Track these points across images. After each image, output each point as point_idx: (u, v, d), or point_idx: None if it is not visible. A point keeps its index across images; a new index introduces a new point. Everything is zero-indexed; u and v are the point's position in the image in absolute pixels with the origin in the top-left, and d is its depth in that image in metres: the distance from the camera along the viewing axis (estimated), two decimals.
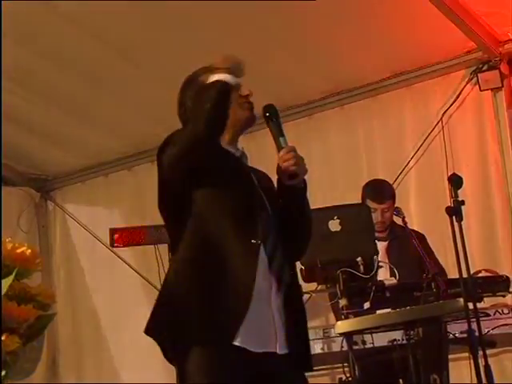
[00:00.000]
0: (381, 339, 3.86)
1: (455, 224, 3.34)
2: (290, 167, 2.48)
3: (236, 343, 2.35)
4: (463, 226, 3.41)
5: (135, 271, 6.03)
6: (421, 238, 4.38)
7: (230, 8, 4.53)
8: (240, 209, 2.47)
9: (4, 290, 1.59)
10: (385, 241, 4.50)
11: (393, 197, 4.54)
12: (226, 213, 2.46)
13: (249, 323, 2.36)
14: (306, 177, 2.57)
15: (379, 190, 4.55)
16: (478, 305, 3.63)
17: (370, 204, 4.44)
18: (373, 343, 3.86)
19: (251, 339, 2.38)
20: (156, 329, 2.44)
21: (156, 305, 2.48)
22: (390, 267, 4.23)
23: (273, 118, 2.59)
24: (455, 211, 3.32)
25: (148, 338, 2.51)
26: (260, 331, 2.41)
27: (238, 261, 2.39)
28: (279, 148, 2.52)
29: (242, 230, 2.44)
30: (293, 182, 2.49)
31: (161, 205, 2.56)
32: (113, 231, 5.61)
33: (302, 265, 3.71)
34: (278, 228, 2.54)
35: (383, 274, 4.18)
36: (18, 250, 1.70)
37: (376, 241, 4.33)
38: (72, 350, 6.36)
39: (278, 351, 2.45)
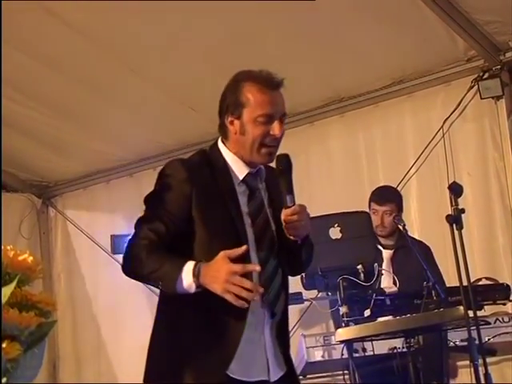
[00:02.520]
0: (381, 347, 3.87)
1: (455, 232, 3.34)
2: (290, 230, 2.45)
3: (232, 375, 2.37)
4: (464, 234, 3.41)
5: None
6: (425, 248, 4.39)
7: (232, 17, 4.55)
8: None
9: (5, 298, 1.60)
10: (391, 249, 4.50)
11: (395, 202, 4.52)
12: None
13: (241, 354, 2.38)
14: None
15: (381, 193, 4.57)
16: (479, 313, 3.64)
17: (372, 206, 4.46)
18: (373, 351, 3.87)
19: (244, 370, 2.40)
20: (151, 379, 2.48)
21: (148, 355, 2.49)
22: (391, 275, 4.23)
23: (284, 172, 2.48)
24: (455, 219, 3.32)
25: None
26: (252, 361, 2.43)
27: (225, 317, 2.38)
28: (285, 206, 2.45)
29: None
30: (293, 239, 2.47)
31: None
32: (113, 237, 5.63)
33: (303, 272, 3.72)
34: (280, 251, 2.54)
35: (386, 282, 4.19)
36: (20, 258, 1.70)
37: (382, 249, 4.35)
38: (72, 356, 6.36)
39: (270, 379, 2.46)
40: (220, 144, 2.59)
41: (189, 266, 2.31)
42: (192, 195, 2.43)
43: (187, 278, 2.30)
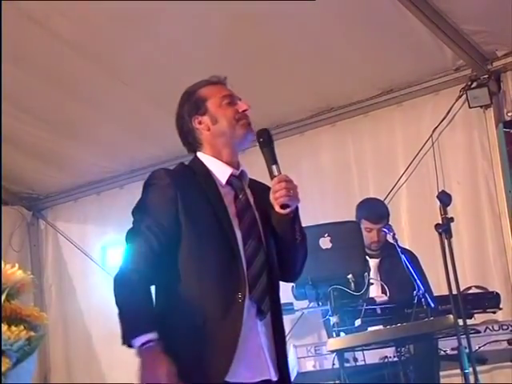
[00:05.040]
0: (372, 356, 3.87)
1: (445, 241, 3.35)
2: (279, 198, 2.44)
3: (230, 380, 2.35)
4: (454, 243, 3.43)
5: None
6: (412, 256, 4.40)
7: (220, 26, 4.57)
8: (219, 262, 2.42)
9: None
10: (377, 258, 4.51)
11: (388, 217, 4.55)
12: (205, 270, 2.42)
13: (239, 355, 2.36)
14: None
15: (375, 210, 4.56)
16: (469, 321, 3.65)
17: (366, 224, 4.44)
18: (364, 360, 3.86)
19: (245, 371, 2.38)
20: None
21: None
22: (380, 284, 4.24)
23: (266, 144, 2.52)
24: (444, 228, 3.34)
25: None
26: (251, 361, 2.41)
27: (220, 323, 2.37)
28: (271, 176, 2.47)
29: (224, 286, 2.41)
30: (283, 212, 2.45)
31: None
32: (104, 249, 5.62)
33: (293, 282, 3.72)
34: (270, 251, 2.53)
35: (374, 291, 4.19)
36: (10, 271, 1.70)
37: (368, 258, 4.36)
38: (63, 368, 6.34)
39: (272, 378, 2.44)
40: (198, 154, 2.63)
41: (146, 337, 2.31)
42: (177, 199, 2.45)
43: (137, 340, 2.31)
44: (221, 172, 2.57)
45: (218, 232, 2.45)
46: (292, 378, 3.60)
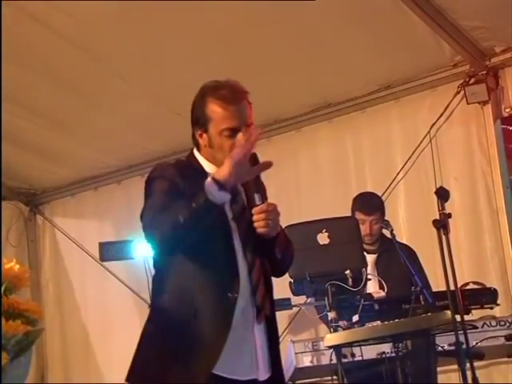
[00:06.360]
0: (370, 352, 3.87)
1: (442, 237, 3.36)
2: (258, 228, 2.47)
3: (222, 374, 2.40)
4: (451, 239, 3.43)
5: (125, 285, 6.02)
6: (411, 252, 4.40)
7: (219, 23, 4.56)
8: (215, 259, 2.46)
9: None
10: (374, 254, 4.51)
11: (381, 209, 4.55)
12: (201, 265, 2.46)
13: (232, 353, 2.40)
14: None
15: (368, 202, 4.57)
16: (466, 317, 3.65)
17: (359, 215, 4.45)
18: (362, 356, 3.87)
19: (235, 368, 2.44)
20: (135, 378, 2.50)
21: (135, 354, 2.51)
22: (378, 280, 4.24)
23: None
24: (442, 224, 3.34)
25: None
26: (243, 359, 2.47)
27: (211, 317, 2.42)
28: (253, 204, 2.50)
29: (218, 283, 2.45)
30: (264, 236, 2.50)
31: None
32: (102, 245, 5.62)
33: (291, 278, 3.73)
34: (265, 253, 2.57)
35: (372, 287, 4.19)
36: (7, 266, 1.70)
37: (365, 253, 4.36)
38: (60, 364, 6.34)
39: (259, 378, 2.50)
40: (195, 152, 2.64)
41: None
42: (184, 189, 2.47)
43: (208, 184, 2.34)
44: None
45: (218, 235, 2.48)
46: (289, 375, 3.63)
